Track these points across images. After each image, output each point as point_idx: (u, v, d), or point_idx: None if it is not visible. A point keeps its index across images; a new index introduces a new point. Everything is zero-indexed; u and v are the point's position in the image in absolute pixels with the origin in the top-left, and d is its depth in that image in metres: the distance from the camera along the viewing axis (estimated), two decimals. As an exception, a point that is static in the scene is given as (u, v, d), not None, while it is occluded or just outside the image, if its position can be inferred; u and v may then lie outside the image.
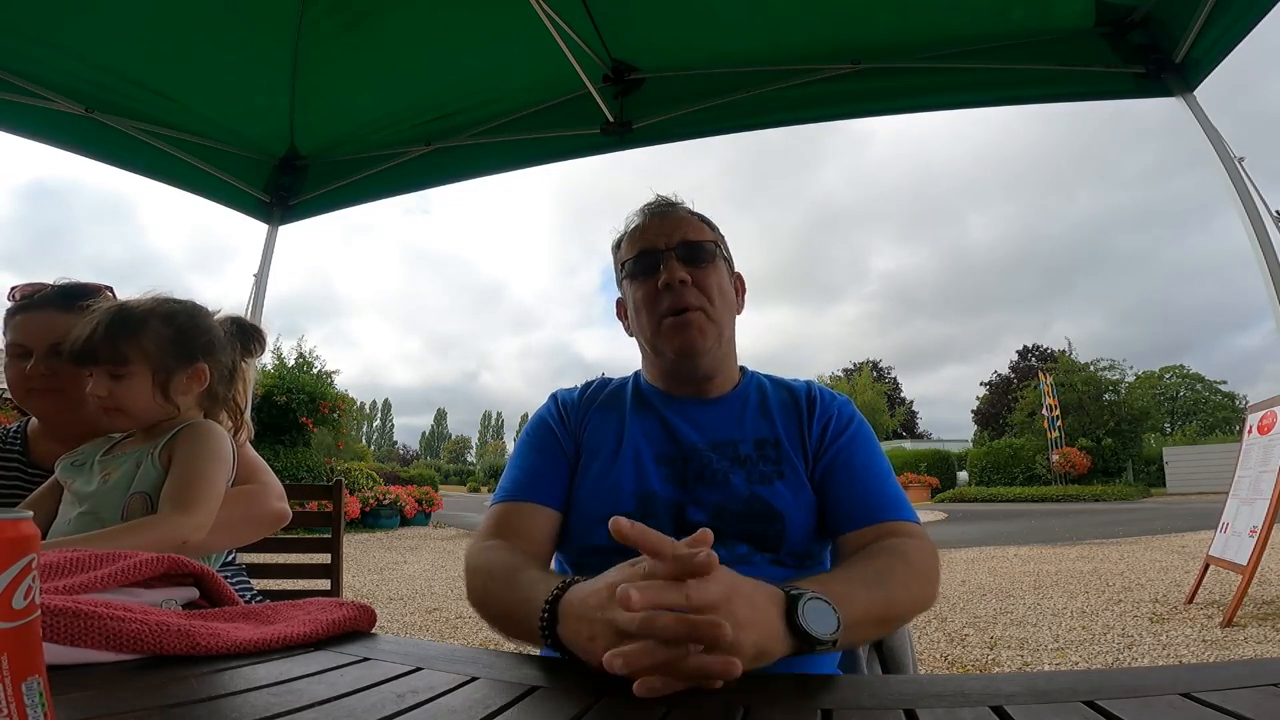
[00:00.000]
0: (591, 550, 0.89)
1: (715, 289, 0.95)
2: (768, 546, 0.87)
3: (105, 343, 1.01)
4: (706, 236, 0.98)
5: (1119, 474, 20.46)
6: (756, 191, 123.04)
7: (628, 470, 0.91)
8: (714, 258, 0.96)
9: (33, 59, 2.12)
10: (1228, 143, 1.90)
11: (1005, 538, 8.73)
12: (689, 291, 0.93)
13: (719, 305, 0.95)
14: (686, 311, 0.93)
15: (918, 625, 3.79)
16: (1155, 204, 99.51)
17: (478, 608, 0.80)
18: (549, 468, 0.94)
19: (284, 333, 57.00)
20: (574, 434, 0.98)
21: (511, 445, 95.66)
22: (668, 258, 0.94)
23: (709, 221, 1.03)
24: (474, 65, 2.44)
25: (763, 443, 0.93)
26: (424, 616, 4.30)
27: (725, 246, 1.03)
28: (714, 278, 0.95)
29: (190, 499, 0.97)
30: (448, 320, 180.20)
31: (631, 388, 1.03)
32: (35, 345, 1.14)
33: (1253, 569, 3.51)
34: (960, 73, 2.21)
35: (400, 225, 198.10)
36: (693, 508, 0.88)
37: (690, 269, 0.94)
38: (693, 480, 0.90)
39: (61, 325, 1.15)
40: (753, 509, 0.87)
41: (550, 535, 0.91)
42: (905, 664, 0.96)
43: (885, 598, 0.70)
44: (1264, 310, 1.84)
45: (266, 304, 2.77)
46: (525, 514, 0.90)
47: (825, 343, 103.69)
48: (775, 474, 0.90)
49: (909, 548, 0.79)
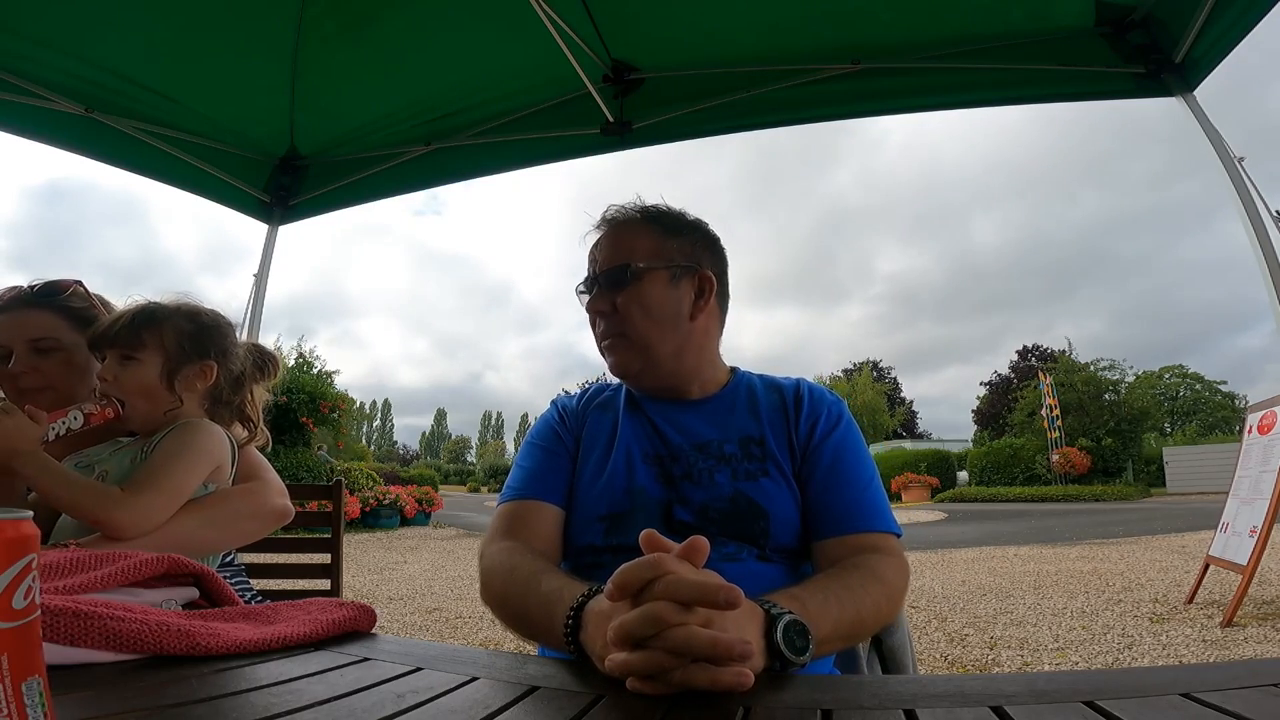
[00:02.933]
0: (587, 549, 0.90)
1: (636, 311, 0.95)
2: (754, 543, 0.87)
3: (126, 328, 1.05)
4: (632, 254, 0.96)
5: (1119, 474, 20.44)
6: (769, 193, 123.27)
7: (620, 468, 0.93)
8: (633, 279, 0.95)
9: (33, 59, 2.12)
10: (1228, 143, 1.90)
11: (1005, 538, 8.73)
12: (609, 320, 0.97)
13: (641, 326, 0.95)
14: (610, 338, 0.97)
15: (917, 625, 3.79)
16: (1158, 208, 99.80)
17: (495, 609, 0.81)
18: (554, 466, 0.96)
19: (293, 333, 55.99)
20: (574, 434, 1.00)
21: (511, 445, 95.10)
22: (595, 286, 0.98)
23: (657, 221, 1.00)
24: (474, 65, 2.45)
25: (747, 440, 0.94)
26: (424, 616, 4.30)
27: (679, 249, 0.98)
28: (635, 300, 0.95)
29: (141, 487, 0.95)
30: (455, 321, 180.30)
31: (624, 392, 1.05)
32: (14, 345, 1.14)
33: (1253, 569, 3.51)
34: (960, 73, 2.21)
35: (412, 226, 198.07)
36: (679, 506, 0.90)
37: (613, 293, 0.96)
38: (679, 479, 0.91)
39: (37, 322, 1.15)
40: (738, 506, 0.88)
41: (559, 532, 0.92)
42: (905, 664, 0.96)
43: (855, 616, 0.71)
44: (1264, 311, 1.84)
45: (278, 303, 2.82)
46: (534, 511, 0.92)
47: (830, 344, 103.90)
48: (760, 471, 0.91)
49: (883, 567, 0.80)
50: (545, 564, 0.80)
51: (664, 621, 0.50)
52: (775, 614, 0.59)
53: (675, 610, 0.51)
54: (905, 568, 0.84)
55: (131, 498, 0.93)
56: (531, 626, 0.74)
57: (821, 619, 0.65)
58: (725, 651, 0.48)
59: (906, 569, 0.84)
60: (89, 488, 0.95)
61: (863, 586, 0.75)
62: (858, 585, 0.75)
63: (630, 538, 0.85)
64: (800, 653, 0.57)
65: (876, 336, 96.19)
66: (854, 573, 0.78)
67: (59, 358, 1.15)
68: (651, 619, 0.50)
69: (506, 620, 0.79)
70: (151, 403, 1.06)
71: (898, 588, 0.80)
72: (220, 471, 1.07)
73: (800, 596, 0.67)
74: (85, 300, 1.22)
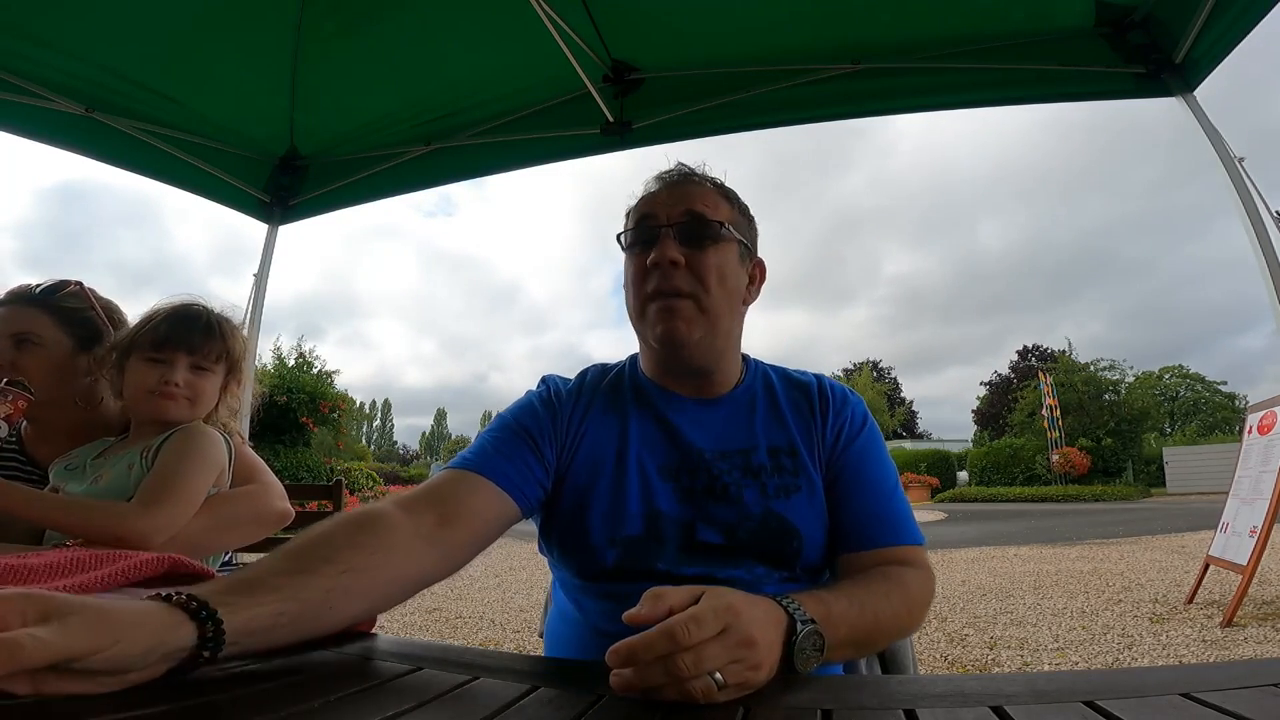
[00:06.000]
0: (602, 574, 0.82)
1: (714, 274, 0.83)
2: (783, 565, 0.82)
3: (212, 337, 1.08)
4: (718, 214, 0.86)
5: (1119, 474, 20.46)
6: (780, 195, 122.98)
7: (633, 488, 0.83)
8: (721, 238, 0.85)
9: (33, 59, 2.12)
10: (1228, 143, 1.90)
11: (1005, 538, 8.73)
12: (679, 274, 0.82)
13: (716, 293, 0.83)
14: (675, 296, 0.82)
15: (918, 625, 3.79)
16: (1159, 212, 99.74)
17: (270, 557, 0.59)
18: (520, 456, 0.82)
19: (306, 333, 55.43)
20: (563, 434, 0.87)
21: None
22: (665, 233, 0.83)
23: (733, 197, 0.92)
24: (474, 65, 2.45)
25: (777, 451, 0.85)
26: (424, 616, 4.30)
27: (746, 228, 0.91)
28: (714, 260, 0.83)
29: (157, 497, 0.96)
30: (463, 322, 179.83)
31: (630, 381, 0.93)
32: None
33: (1253, 569, 3.51)
34: (960, 73, 2.21)
35: (423, 227, 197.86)
36: (703, 526, 0.81)
37: (688, 249, 0.83)
38: (702, 494, 0.82)
39: (21, 316, 1.16)
40: (769, 527, 0.80)
41: (495, 523, 0.77)
42: (905, 664, 0.96)
43: (874, 623, 0.69)
44: (1264, 311, 1.84)
45: (288, 304, 2.85)
46: (477, 487, 0.76)
47: (834, 345, 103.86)
48: (792, 487, 0.83)
49: (910, 578, 0.77)
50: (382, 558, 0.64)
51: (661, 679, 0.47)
52: (797, 619, 0.58)
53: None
54: (931, 580, 0.80)
55: (152, 507, 0.94)
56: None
57: (841, 624, 0.63)
58: (704, 699, 0.47)
59: (932, 581, 0.80)
60: (96, 507, 0.95)
61: (887, 596, 0.72)
62: (882, 594, 0.72)
63: (648, 563, 0.80)
64: (809, 666, 0.57)
65: (880, 338, 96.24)
66: (882, 581, 0.75)
67: (37, 354, 1.15)
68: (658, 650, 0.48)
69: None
70: (202, 410, 1.09)
71: (920, 601, 0.77)
72: (221, 475, 1.08)
73: (826, 600, 0.65)
74: (81, 300, 1.22)
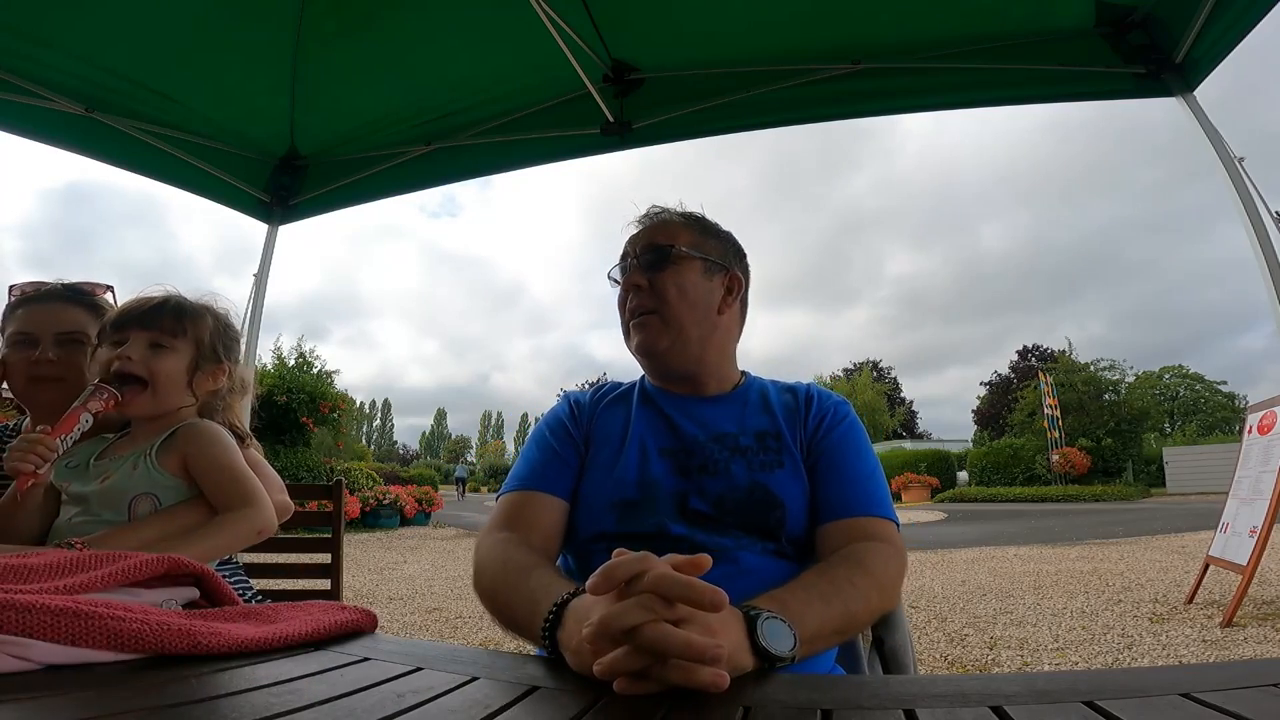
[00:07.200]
0: (598, 537, 0.90)
1: (672, 290, 0.98)
2: (769, 535, 0.88)
3: (170, 314, 1.06)
4: (675, 240, 1.01)
5: (1119, 474, 20.45)
6: (786, 199, 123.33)
7: (632, 459, 0.94)
8: (674, 260, 0.99)
9: (33, 59, 2.12)
10: (1228, 143, 1.90)
11: (1005, 538, 8.73)
12: (644, 295, 0.99)
13: (677, 306, 0.98)
14: (643, 314, 0.99)
15: (917, 625, 3.79)
16: (1160, 213, 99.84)
17: (485, 600, 0.81)
18: (560, 460, 0.97)
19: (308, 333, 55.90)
20: (584, 430, 1.01)
21: (512, 445, 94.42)
22: (632, 264, 1.02)
23: (696, 223, 1.06)
24: (474, 65, 2.45)
25: (763, 434, 0.96)
26: (424, 616, 4.30)
27: (713, 246, 1.04)
28: (672, 279, 0.98)
29: (247, 492, 1.02)
30: (466, 322, 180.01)
31: (638, 389, 1.07)
32: (42, 334, 1.17)
33: (1253, 569, 3.51)
34: (960, 73, 2.21)
35: (427, 228, 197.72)
36: (695, 497, 0.90)
37: (650, 274, 0.99)
38: (695, 470, 0.92)
39: (69, 316, 1.18)
40: (754, 497, 0.89)
41: (559, 527, 0.92)
42: (905, 664, 0.96)
43: (843, 610, 0.71)
44: (1264, 311, 1.84)
45: (292, 304, 2.84)
46: (536, 503, 0.92)
47: (836, 345, 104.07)
48: (775, 463, 0.92)
49: (870, 555, 0.80)
50: (540, 559, 0.80)
51: (641, 616, 0.50)
52: (753, 614, 0.59)
53: (656, 605, 0.50)
54: (900, 555, 0.84)
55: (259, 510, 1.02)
56: (516, 621, 0.74)
57: (805, 616, 0.65)
58: (698, 654, 0.48)
59: (902, 556, 0.84)
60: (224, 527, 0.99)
61: (849, 580, 0.75)
62: (844, 579, 0.75)
63: (643, 525, 0.88)
64: (785, 649, 0.58)
65: (882, 338, 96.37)
66: (840, 567, 0.78)
67: (81, 352, 1.16)
68: (630, 612, 0.50)
69: (494, 612, 0.79)
70: (171, 396, 1.06)
71: (890, 576, 0.80)
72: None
73: (780, 597, 0.67)
74: (111, 306, 1.24)
